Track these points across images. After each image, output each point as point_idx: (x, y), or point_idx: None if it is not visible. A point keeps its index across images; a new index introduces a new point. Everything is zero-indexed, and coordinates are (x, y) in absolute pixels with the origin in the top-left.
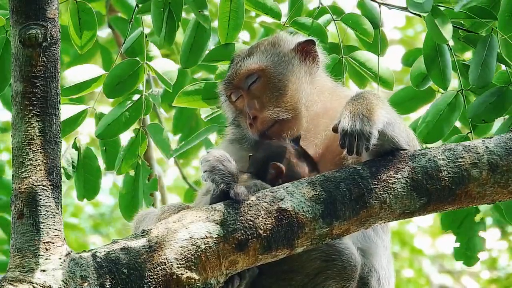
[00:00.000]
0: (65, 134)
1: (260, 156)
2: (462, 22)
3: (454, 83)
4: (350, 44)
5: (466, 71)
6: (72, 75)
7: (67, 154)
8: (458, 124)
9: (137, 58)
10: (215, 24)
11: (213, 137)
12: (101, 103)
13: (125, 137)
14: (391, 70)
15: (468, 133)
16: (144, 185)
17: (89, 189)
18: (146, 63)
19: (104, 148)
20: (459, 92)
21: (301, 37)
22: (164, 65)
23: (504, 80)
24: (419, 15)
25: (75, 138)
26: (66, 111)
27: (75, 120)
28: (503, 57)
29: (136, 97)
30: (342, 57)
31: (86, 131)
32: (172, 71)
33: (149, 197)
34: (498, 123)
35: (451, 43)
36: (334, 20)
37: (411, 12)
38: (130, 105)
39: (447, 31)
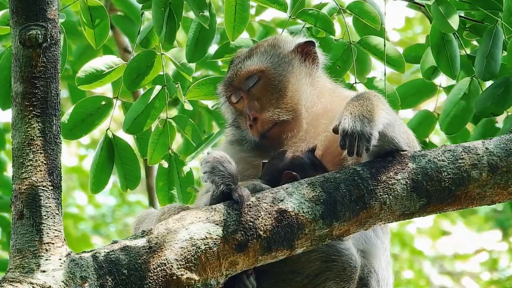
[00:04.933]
0: (93, 128)
1: (277, 165)
2: (464, 13)
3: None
4: (352, 41)
5: (474, 62)
6: (91, 66)
7: None
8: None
9: (154, 49)
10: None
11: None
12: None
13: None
14: (400, 53)
15: (494, 117)
16: (180, 179)
17: (129, 179)
18: (162, 53)
19: (135, 136)
20: (472, 77)
21: (301, 38)
22: (181, 55)
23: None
24: (423, 5)
25: (107, 130)
26: (92, 104)
27: (104, 113)
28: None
29: (158, 87)
30: (350, 43)
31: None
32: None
33: (187, 192)
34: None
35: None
36: (340, 8)
37: (415, 3)
38: (154, 96)
39: (454, 19)
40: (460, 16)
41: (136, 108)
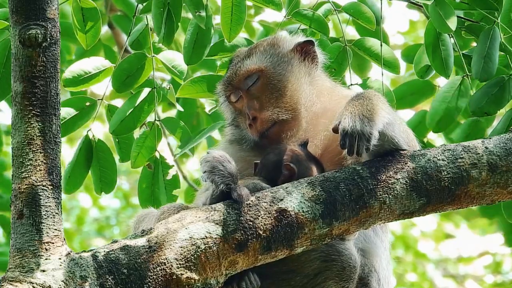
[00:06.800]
0: (76, 128)
1: (273, 159)
2: (461, 13)
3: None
4: (347, 43)
5: (469, 62)
6: (78, 67)
7: None
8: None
9: (144, 51)
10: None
11: (215, 134)
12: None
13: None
14: (395, 54)
15: (479, 117)
16: (165, 182)
17: (105, 182)
18: (153, 56)
19: (117, 139)
20: (464, 77)
21: (300, 37)
22: (172, 58)
23: (505, 65)
24: (422, 5)
25: (88, 132)
26: (77, 104)
27: (87, 114)
28: (506, 46)
29: (147, 90)
30: (345, 45)
31: (97, 124)
32: (180, 63)
33: (172, 195)
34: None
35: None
36: (335, 9)
37: (414, 3)
38: (143, 98)
39: (451, 20)
40: (457, 16)
41: (124, 109)
